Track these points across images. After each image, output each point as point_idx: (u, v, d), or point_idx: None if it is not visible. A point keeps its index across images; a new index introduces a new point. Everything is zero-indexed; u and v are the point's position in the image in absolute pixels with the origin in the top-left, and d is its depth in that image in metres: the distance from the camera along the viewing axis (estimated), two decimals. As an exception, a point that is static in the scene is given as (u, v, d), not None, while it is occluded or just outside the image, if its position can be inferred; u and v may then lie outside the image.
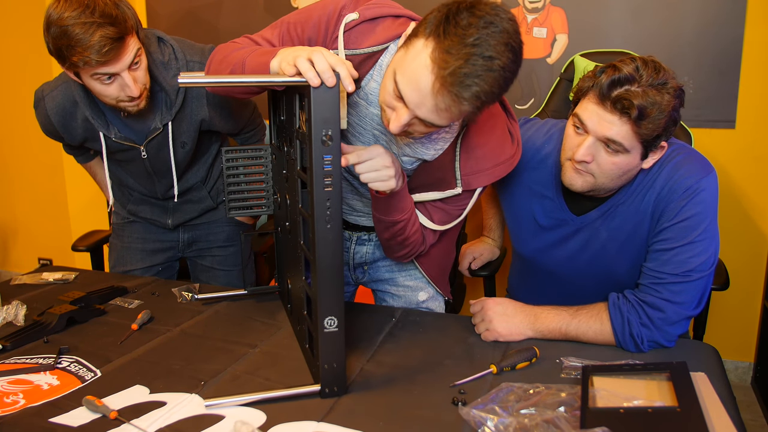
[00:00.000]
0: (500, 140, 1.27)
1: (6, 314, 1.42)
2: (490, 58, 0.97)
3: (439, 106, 1.02)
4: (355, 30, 1.19)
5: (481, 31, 0.97)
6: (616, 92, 1.17)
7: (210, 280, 1.92)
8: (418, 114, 1.05)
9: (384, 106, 1.12)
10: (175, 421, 1.03)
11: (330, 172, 1.01)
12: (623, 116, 1.17)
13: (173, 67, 1.56)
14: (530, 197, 1.46)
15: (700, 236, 1.22)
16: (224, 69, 1.20)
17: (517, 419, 0.97)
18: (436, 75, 0.99)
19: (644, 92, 1.15)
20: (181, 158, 1.68)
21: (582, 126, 1.23)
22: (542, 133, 1.47)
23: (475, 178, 1.27)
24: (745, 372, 2.46)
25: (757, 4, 2.13)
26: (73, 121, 1.59)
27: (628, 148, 1.20)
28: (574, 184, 1.28)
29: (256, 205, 1.49)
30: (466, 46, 0.97)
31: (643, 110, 1.15)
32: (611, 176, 1.25)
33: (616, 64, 1.19)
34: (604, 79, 1.18)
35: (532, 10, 2.36)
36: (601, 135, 1.20)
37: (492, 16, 0.98)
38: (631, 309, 1.24)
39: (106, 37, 1.31)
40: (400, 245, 1.36)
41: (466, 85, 0.98)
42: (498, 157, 1.27)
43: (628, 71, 1.16)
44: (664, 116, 1.17)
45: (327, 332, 1.06)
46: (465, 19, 0.98)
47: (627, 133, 1.18)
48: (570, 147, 1.27)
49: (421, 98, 1.03)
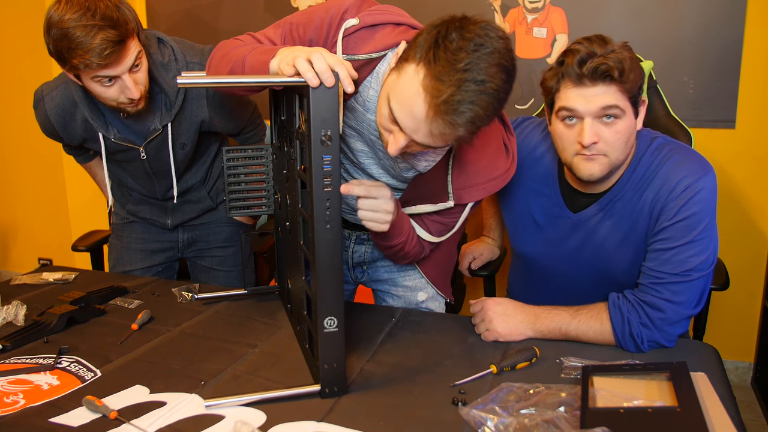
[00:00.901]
0: (494, 155, 1.26)
1: (6, 314, 1.42)
2: (482, 82, 0.96)
3: (434, 132, 1.02)
4: (354, 35, 1.18)
5: (472, 55, 0.96)
6: (587, 66, 1.19)
7: (210, 281, 1.92)
8: (415, 138, 1.05)
9: (381, 129, 1.12)
10: (175, 421, 1.03)
11: (329, 172, 1.01)
12: (606, 81, 1.19)
13: (173, 69, 1.55)
14: (527, 195, 1.46)
15: (700, 235, 1.22)
16: (225, 66, 1.20)
17: (517, 419, 0.97)
18: (429, 104, 0.98)
19: (607, 57, 1.19)
20: (180, 159, 1.68)
21: (573, 113, 1.24)
22: (539, 131, 1.48)
23: (467, 193, 1.27)
24: (745, 372, 2.46)
25: (757, 4, 2.13)
26: (73, 122, 1.59)
27: (624, 108, 1.22)
28: (594, 173, 1.27)
29: (256, 205, 1.49)
30: (458, 71, 0.96)
31: (620, 67, 1.18)
32: (620, 147, 1.25)
33: (569, 50, 1.23)
34: (570, 63, 1.21)
35: (532, 10, 2.36)
36: (596, 109, 1.21)
37: (482, 37, 0.97)
38: (631, 309, 1.24)
39: (107, 40, 1.31)
40: (402, 258, 1.39)
41: (460, 112, 0.97)
42: (491, 173, 1.26)
43: (585, 50, 1.20)
44: (636, 67, 1.22)
45: (327, 332, 1.06)
46: (455, 42, 0.97)
47: (616, 93, 1.20)
48: (569, 142, 1.27)
49: (416, 125, 1.02)
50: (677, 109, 1.86)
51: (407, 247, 1.33)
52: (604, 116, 1.22)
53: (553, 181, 1.42)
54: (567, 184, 1.40)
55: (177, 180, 1.72)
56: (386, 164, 1.30)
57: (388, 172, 1.32)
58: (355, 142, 1.30)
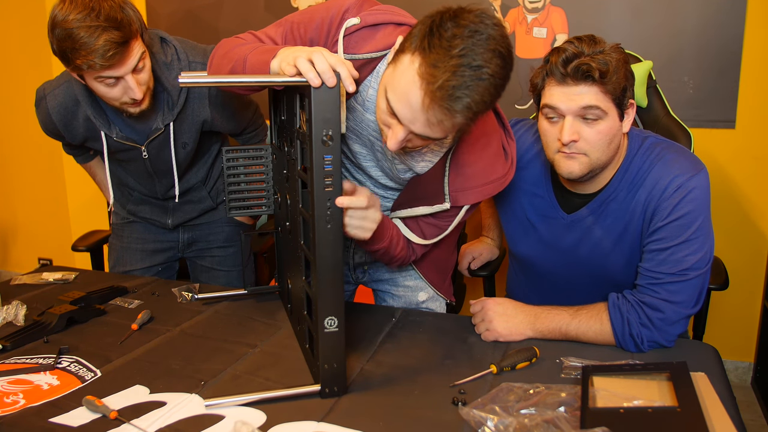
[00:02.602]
0: (492, 159, 1.26)
1: (6, 314, 1.42)
2: (478, 68, 0.96)
3: (432, 121, 1.02)
4: (355, 35, 1.18)
5: (467, 41, 0.96)
6: (571, 66, 1.20)
7: (210, 281, 1.92)
8: (413, 129, 1.05)
9: (381, 124, 1.12)
10: (175, 421, 1.03)
11: (330, 172, 1.01)
12: (587, 81, 1.20)
13: (176, 68, 1.56)
14: (522, 196, 1.46)
15: (695, 234, 1.22)
16: (226, 64, 1.20)
17: (517, 419, 0.97)
18: (425, 90, 0.98)
19: (593, 58, 1.20)
20: (182, 159, 1.68)
21: (554, 111, 1.25)
22: (532, 132, 1.48)
23: (463, 195, 1.26)
24: (745, 372, 2.46)
25: (757, 4, 2.13)
26: (74, 120, 1.59)
27: (605, 109, 1.22)
28: (573, 171, 1.28)
29: (256, 205, 1.49)
30: (453, 57, 0.95)
31: (602, 69, 1.19)
32: (601, 147, 1.25)
33: (557, 48, 1.24)
34: (555, 62, 1.22)
35: (532, 10, 2.36)
36: (576, 108, 1.22)
37: (476, 24, 0.97)
38: (630, 309, 1.25)
39: (110, 41, 1.31)
40: (389, 262, 1.39)
41: (456, 97, 0.97)
42: (488, 176, 1.26)
43: (573, 49, 1.21)
44: (622, 69, 1.22)
45: (327, 332, 1.06)
46: (449, 30, 0.97)
47: (597, 94, 1.21)
48: (552, 139, 1.28)
49: (413, 114, 1.02)
50: (677, 109, 1.85)
51: (391, 251, 1.32)
52: (585, 116, 1.23)
53: (546, 182, 1.42)
54: (560, 185, 1.41)
55: (178, 179, 1.72)
56: (384, 166, 1.30)
57: (386, 173, 1.32)
58: (354, 144, 1.30)
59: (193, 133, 1.65)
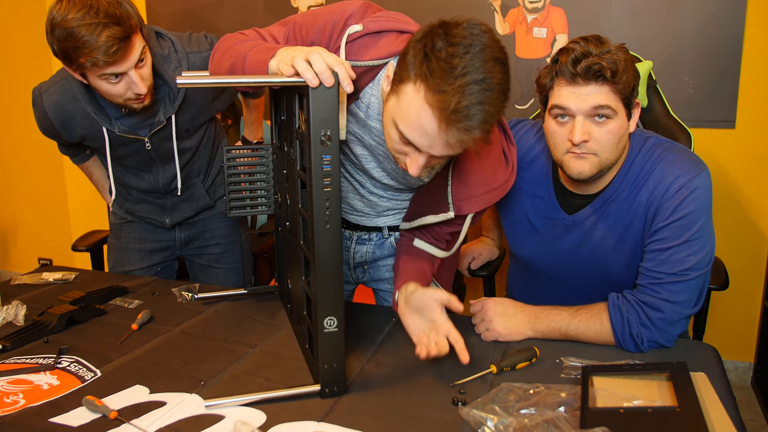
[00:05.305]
0: (494, 166, 1.26)
1: (6, 314, 1.42)
2: (483, 80, 0.96)
3: (451, 142, 1.02)
4: (357, 42, 1.17)
5: (465, 58, 0.96)
6: (581, 66, 1.20)
7: (208, 278, 1.92)
8: (433, 153, 1.05)
9: (395, 154, 1.12)
10: (175, 421, 1.03)
11: (329, 172, 1.01)
12: (598, 81, 1.20)
13: (173, 60, 1.56)
14: (523, 197, 1.46)
15: (696, 234, 1.22)
16: (227, 60, 1.20)
17: (517, 419, 0.97)
18: (438, 117, 0.98)
19: (602, 57, 1.20)
20: (186, 146, 1.70)
21: (565, 111, 1.24)
22: (533, 132, 1.48)
23: (467, 204, 1.26)
24: (745, 372, 2.46)
25: (757, 4, 2.13)
26: (72, 119, 1.59)
27: (615, 109, 1.22)
28: (583, 172, 1.27)
29: (256, 205, 1.49)
30: (456, 78, 0.95)
31: (613, 68, 1.19)
32: (611, 147, 1.25)
33: (565, 48, 1.24)
34: (564, 62, 1.22)
35: (532, 10, 2.36)
36: (587, 108, 1.22)
37: (468, 38, 0.97)
38: (630, 309, 1.24)
39: (112, 37, 1.31)
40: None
41: (472, 115, 0.97)
42: (490, 184, 1.26)
43: (581, 49, 1.21)
44: (630, 68, 1.23)
45: (327, 332, 1.06)
46: (443, 50, 0.97)
47: (608, 94, 1.21)
48: (561, 139, 1.28)
49: (431, 141, 1.02)
50: (677, 109, 1.85)
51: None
52: (595, 116, 1.23)
53: (548, 183, 1.42)
54: (561, 185, 1.40)
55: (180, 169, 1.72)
56: (387, 167, 1.30)
57: (389, 174, 1.32)
58: (355, 147, 1.30)
59: (195, 120, 1.66)
